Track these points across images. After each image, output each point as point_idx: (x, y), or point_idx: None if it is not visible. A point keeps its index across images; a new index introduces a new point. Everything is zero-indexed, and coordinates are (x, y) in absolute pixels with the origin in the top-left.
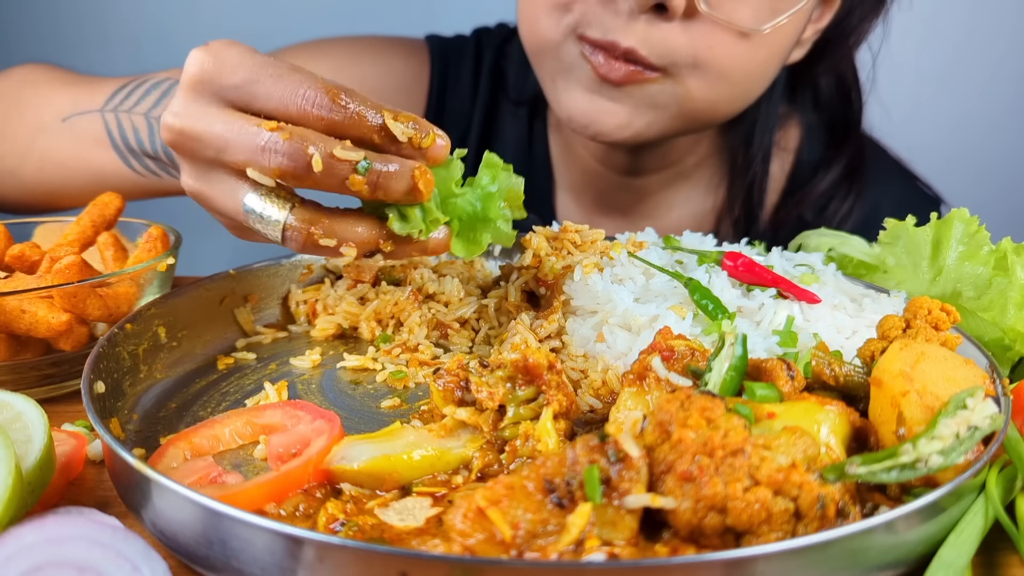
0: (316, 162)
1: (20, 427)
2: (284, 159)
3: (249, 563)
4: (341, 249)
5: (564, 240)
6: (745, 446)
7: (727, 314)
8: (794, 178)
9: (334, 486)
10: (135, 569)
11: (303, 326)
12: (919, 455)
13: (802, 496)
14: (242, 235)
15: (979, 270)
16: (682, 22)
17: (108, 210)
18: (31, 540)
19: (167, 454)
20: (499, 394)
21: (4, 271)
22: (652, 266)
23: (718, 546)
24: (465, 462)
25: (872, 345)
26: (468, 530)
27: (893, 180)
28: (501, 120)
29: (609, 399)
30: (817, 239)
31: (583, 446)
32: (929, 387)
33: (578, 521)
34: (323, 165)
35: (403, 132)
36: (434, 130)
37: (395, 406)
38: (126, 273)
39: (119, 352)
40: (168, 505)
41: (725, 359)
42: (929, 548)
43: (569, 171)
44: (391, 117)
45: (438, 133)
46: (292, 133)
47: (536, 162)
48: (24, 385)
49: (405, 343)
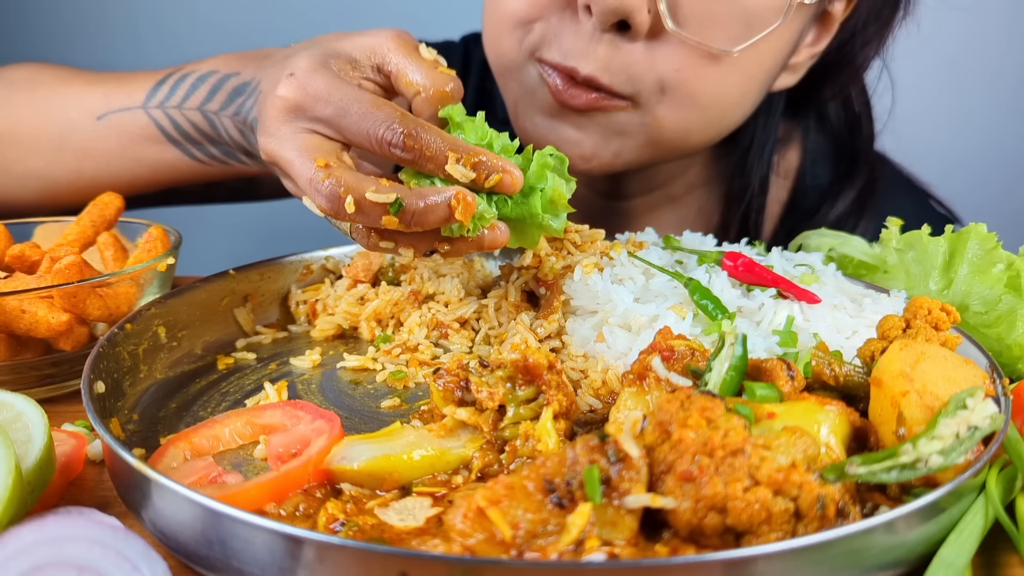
0: (349, 204)
1: (20, 427)
2: (323, 200)
3: (249, 563)
4: (399, 251)
5: (564, 240)
6: (745, 446)
7: (727, 314)
8: (794, 205)
9: (334, 486)
10: (135, 569)
11: (303, 326)
12: (919, 455)
13: (802, 496)
14: None
15: (990, 288)
16: (647, 43)
17: (108, 210)
18: (31, 540)
19: (167, 454)
20: (499, 394)
21: (4, 271)
22: (652, 266)
23: (718, 546)
24: (465, 462)
25: (872, 345)
26: (468, 530)
27: (904, 196)
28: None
29: (609, 399)
30: (818, 239)
31: (583, 446)
32: (929, 387)
33: (578, 521)
34: (355, 207)
35: (463, 175)
36: (502, 166)
37: (395, 406)
38: (126, 273)
39: (119, 352)
40: (168, 505)
41: (725, 359)
42: (929, 548)
43: None
44: (454, 160)
45: (505, 169)
46: (331, 174)
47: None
48: (24, 385)
49: (405, 343)
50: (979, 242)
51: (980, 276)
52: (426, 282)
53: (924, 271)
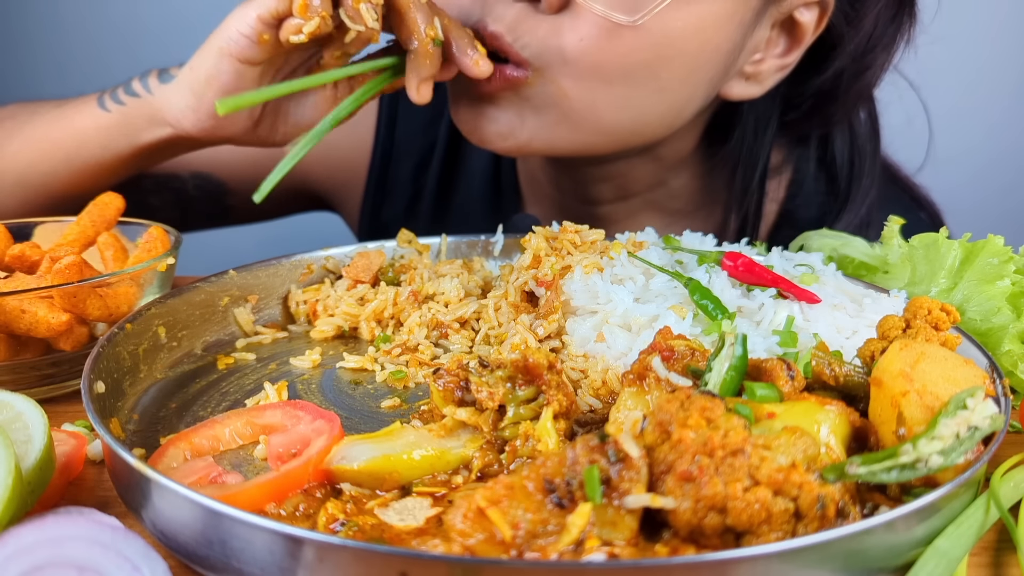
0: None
1: (20, 427)
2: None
3: (249, 563)
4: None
5: (564, 240)
6: (745, 446)
7: (727, 314)
8: (778, 232)
9: (334, 486)
10: (135, 569)
11: (303, 326)
12: (919, 455)
13: (802, 496)
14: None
15: (990, 299)
16: (557, 15)
17: (108, 210)
18: (31, 540)
19: (167, 454)
20: (499, 394)
21: (4, 271)
22: (652, 266)
23: (718, 546)
24: (465, 462)
25: (872, 345)
26: (468, 530)
27: (896, 209)
28: (465, 149)
29: (609, 399)
30: (819, 240)
31: (583, 446)
32: (929, 387)
33: (578, 521)
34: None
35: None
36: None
37: (395, 406)
38: (126, 273)
39: (119, 352)
40: (168, 505)
41: (725, 359)
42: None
43: (537, 199)
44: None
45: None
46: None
47: (505, 193)
48: (24, 385)
49: (405, 343)
50: (993, 254)
51: (984, 286)
52: (426, 282)
53: (931, 270)
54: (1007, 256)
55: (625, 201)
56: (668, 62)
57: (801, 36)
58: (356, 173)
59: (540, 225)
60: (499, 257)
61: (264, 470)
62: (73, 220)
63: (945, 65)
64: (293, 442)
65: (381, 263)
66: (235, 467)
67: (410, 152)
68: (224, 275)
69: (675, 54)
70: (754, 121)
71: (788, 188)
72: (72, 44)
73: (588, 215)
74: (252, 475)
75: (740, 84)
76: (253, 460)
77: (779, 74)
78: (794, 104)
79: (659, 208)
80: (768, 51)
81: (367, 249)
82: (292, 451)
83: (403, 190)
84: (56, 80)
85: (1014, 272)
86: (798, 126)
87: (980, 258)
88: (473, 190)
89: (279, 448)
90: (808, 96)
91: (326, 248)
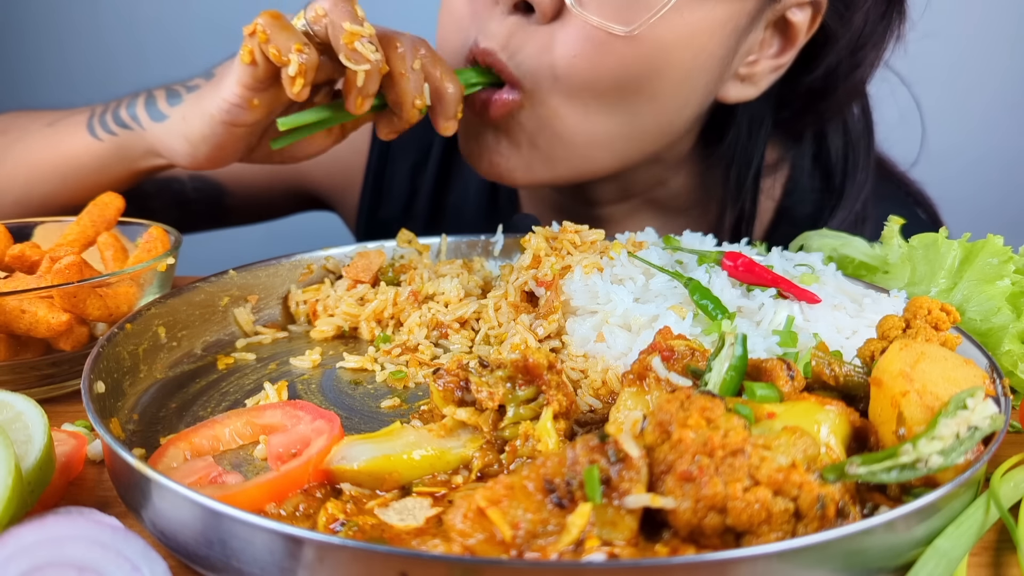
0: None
1: (20, 427)
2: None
3: (249, 563)
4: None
5: (563, 240)
6: (745, 446)
7: (727, 314)
8: (775, 230)
9: (334, 486)
10: (135, 569)
11: (303, 326)
12: (919, 455)
13: (802, 496)
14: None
15: (990, 299)
16: (550, 26)
17: (108, 210)
18: (31, 540)
19: (167, 454)
20: (499, 394)
21: (4, 271)
22: (652, 266)
23: (718, 546)
24: (465, 462)
25: (872, 345)
26: (468, 530)
27: (893, 206)
28: (460, 157)
29: (609, 399)
30: (819, 240)
31: (583, 446)
32: (929, 387)
33: (578, 521)
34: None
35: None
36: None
37: (395, 406)
38: (126, 273)
39: (119, 352)
40: (168, 505)
41: (725, 359)
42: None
43: (535, 202)
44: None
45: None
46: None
47: (502, 196)
48: (24, 385)
49: (405, 343)
50: (993, 254)
51: (984, 286)
52: (426, 282)
53: (931, 270)
54: (1007, 256)
55: (625, 201)
56: (661, 73)
57: (794, 36)
58: (353, 174)
59: (540, 225)
60: (499, 257)
61: (264, 470)
62: (73, 220)
63: (936, 60)
64: (293, 442)
65: (381, 263)
66: (235, 467)
67: (406, 153)
68: (224, 275)
69: (668, 64)
70: (748, 120)
71: (784, 185)
72: (72, 44)
73: (586, 215)
74: (252, 475)
75: (735, 86)
76: (253, 460)
77: (774, 75)
78: (787, 102)
79: (657, 206)
80: (762, 52)
81: (367, 249)
82: (292, 451)
83: (400, 191)
84: (56, 80)
85: (1014, 272)
86: (792, 124)
87: (980, 258)
88: (469, 190)
89: (279, 448)
90: (800, 94)
91: (326, 248)
